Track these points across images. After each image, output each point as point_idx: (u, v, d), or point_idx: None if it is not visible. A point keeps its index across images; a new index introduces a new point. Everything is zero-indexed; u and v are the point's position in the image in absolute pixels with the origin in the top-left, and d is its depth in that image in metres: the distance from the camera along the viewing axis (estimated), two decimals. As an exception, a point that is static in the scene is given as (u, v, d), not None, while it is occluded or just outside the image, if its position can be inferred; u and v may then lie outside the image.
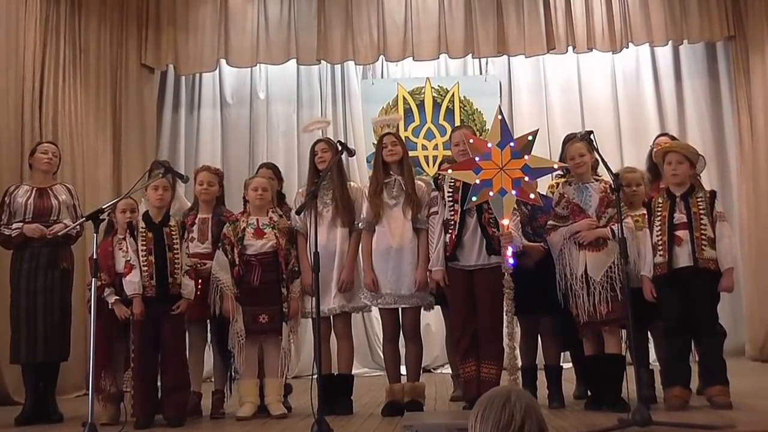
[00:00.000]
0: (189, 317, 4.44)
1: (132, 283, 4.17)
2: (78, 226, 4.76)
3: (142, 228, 4.26)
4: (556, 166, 4.34)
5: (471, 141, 4.16)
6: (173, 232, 4.31)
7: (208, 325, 4.69)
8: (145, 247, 4.22)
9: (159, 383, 4.29)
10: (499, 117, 4.04)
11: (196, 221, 4.70)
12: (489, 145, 3.96)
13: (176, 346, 4.30)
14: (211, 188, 4.76)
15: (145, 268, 4.19)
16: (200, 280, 4.47)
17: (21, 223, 4.66)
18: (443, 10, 7.37)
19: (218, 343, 4.65)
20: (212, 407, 4.56)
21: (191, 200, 5.07)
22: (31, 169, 4.91)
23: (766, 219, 6.93)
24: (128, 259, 4.21)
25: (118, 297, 4.24)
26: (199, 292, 4.43)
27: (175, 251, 4.27)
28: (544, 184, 5.00)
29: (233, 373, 4.67)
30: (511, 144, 3.94)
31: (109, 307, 4.25)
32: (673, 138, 5.29)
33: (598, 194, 4.32)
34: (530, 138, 3.99)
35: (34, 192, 4.77)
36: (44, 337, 4.61)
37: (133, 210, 4.46)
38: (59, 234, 4.62)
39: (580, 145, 4.33)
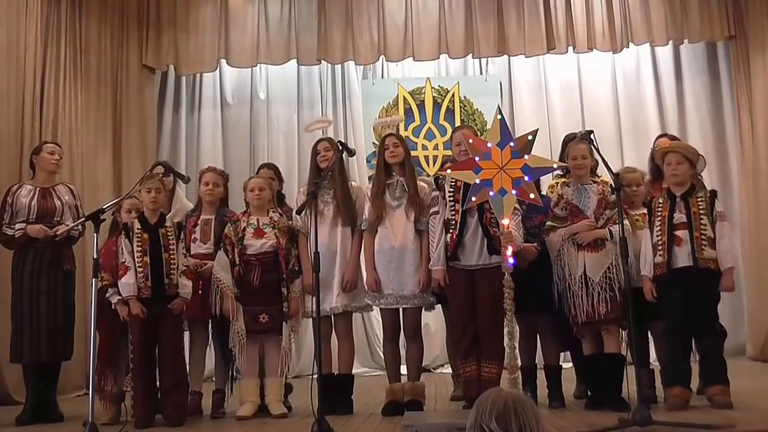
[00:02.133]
0: (190, 317, 4.45)
1: (127, 285, 4.17)
2: (80, 227, 4.77)
3: (138, 229, 4.26)
4: (555, 166, 4.34)
5: (471, 141, 4.16)
6: (169, 233, 4.30)
7: (210, 325, 4.69)
8: (140, 248, 4.21)
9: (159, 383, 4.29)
10: (499, 117, 4.03)
11: (199, 222, 4.70)
12: (489, 144, 3.95)
13: (174, 346, 4.30)
14: (216, 189, 4.76)
15: (141, 269, 4.18)
16: (200, 281, 4.48)
17: (24, 224, 4.66)
18: (443, 11, 7.38)
19: (219, 342, 4.66)
20: (213, 407, 4.56)
21: (192, 201, 5.07)
22: (33, 168, 4.89)
23: (767, 219, 6.93)
24: (123, 260, 4.21)
25: (120, 297, 4.24)
26: (200, 292, 4.43)
27: (171, 252, 4.26)
28: (545, 185, 5.00)
29: (235, 373, 4.68)
30: (511, 144, 3.93)
31: (112, 307, 4.26)
32: (673, 138, 5.28)
33: (597, 196, 4.33)
34: (530, 138, 3.97)
35: (37, 192, 4.77)
36: (48, 337, 4.61)
37: (138, 210, 4.47)
38: (60, 235, 4.62)
39: (584, 146, 4.33)
